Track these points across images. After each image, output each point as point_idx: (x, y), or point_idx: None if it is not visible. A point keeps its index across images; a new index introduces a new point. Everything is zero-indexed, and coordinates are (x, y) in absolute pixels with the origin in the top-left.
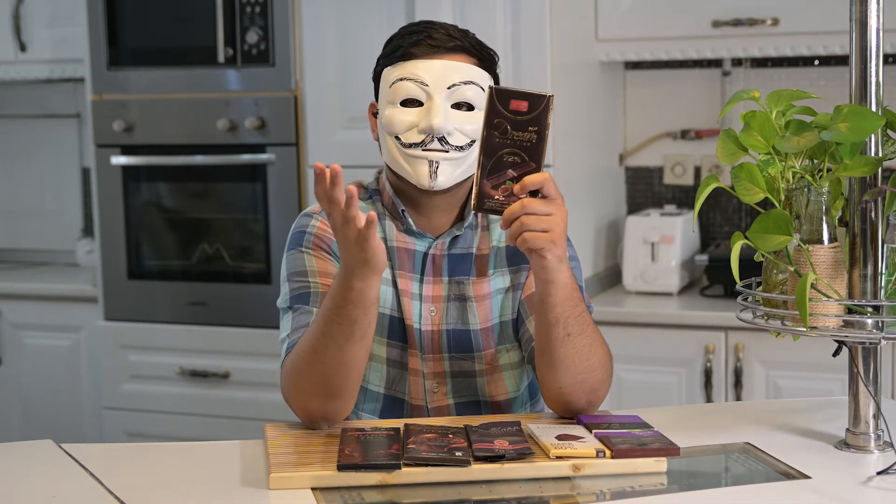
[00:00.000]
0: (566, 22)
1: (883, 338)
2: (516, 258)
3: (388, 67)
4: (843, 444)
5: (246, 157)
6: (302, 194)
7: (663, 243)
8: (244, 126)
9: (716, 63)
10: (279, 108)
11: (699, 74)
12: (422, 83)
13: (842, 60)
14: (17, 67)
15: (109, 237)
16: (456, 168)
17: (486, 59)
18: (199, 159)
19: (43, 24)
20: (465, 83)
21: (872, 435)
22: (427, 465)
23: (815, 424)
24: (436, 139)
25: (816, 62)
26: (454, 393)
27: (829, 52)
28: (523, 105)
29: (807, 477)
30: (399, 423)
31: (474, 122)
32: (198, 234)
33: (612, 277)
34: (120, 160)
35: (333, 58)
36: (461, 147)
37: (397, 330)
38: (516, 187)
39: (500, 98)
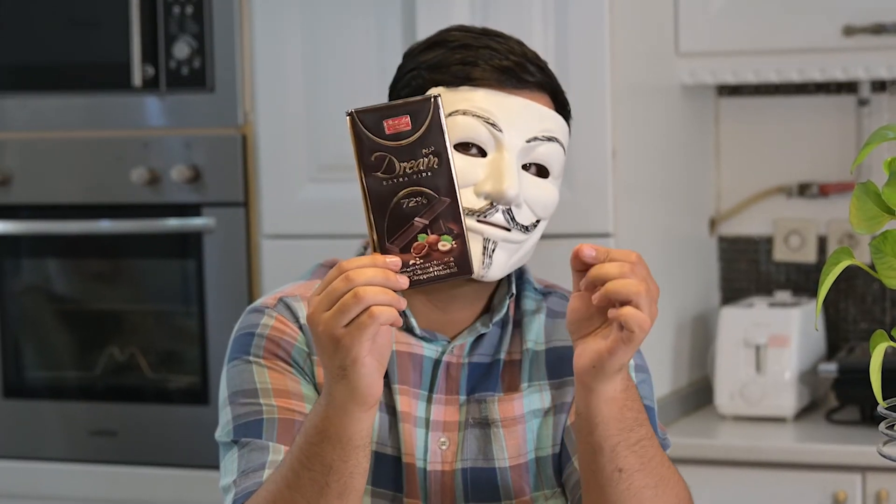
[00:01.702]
0: (633, 29)
1: None
2: (561, 367)
3: (441, 88)
4: None
5: (173, 223)
6: (253, 275)
7: (773, 347)
8: (170, 178)
9: (849, 87)
10: (221, 151)
11: (824, 103)
12: (493, 126)
13: None
14: None
15: None
16: (512, 255)
17: (564, 104)
18: (105, 226)
19: None
20: (548, 138)
21: None
22: None
23: None
24: (500, 210)
25: None
26: None
27: None
28: (403, 122)
29: None
30: None
31: (547, 196)
32: (104, 334)
33: (699, 396)
34: None
35: (298, 79)
36: (526, 227)
37: (388, 471)
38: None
39: (368, 124)
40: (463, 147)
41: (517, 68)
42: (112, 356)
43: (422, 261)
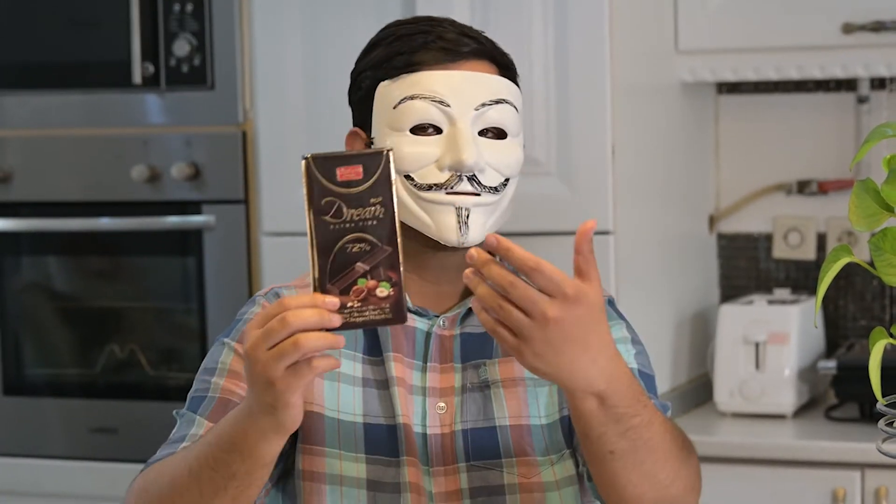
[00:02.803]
0: (633, 27)
1: None
2: None
3: (386, 82)
4: None
5: (173, 220)
6: (253, 273)
7: (773, 344)
8: (170, 175)
9: (848, 84)
10: (221, 149)
11: (823, 101)
12: (441, 103)
13: None
14: None
15: None
16: (488, 217)
17: (507, 66)
18: (105, 223)
19: None
20: (495, 102)
21: None
22: None
23: None
24: (465, 178)
25: None
26: None
27: None
28: (355, 171)
29: None
30: None
31: (508, 155)
32: (104, 331)
33: (698, 393)
34: None
35: (298, 77)
36: (495, 188)
37: (382, 438)
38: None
39: (321, 169)
40: (420, 129)
41: (452, 44)
42: (112, 353)
43: (359, 304)
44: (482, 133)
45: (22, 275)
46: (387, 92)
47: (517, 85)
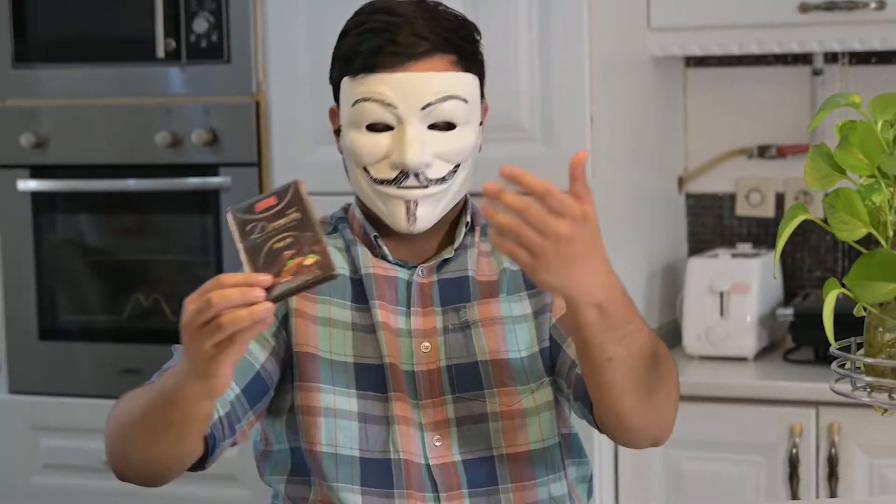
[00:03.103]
0: (610, 6)
1: None
2: None
3: (347, 79)
4: None
5: (193, 182)
6: None
7: (735, 293)
8: (191, 141)
9: (804, 59)
10: (236, 117)
11: (782, 73)
12: (389, 105)
13: None
14: None
15: (15, 285)
16: (437, 204)
17: (467, 54)
18: (131, 184)
19: None
20: (442, 100)
21: None
22: None
23: None
24: (411, 175)
25: None
26: (461, 445)
27: None
28: (270, 201)
29: None
30: None
31: (457, 144)
32: (131, 282)
33: (668, 338)
34: (29, 185)
35: (306, 52)
36: (443, 178)
37: (372, 377)
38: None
39: (243, 211)
40: (372, 128)
41: (405, 48)
42: (138, 302)
43: (291, 277)
44: (432, 126)
45: (57, 231)
46: (348, 89)
47: (478, 70)
